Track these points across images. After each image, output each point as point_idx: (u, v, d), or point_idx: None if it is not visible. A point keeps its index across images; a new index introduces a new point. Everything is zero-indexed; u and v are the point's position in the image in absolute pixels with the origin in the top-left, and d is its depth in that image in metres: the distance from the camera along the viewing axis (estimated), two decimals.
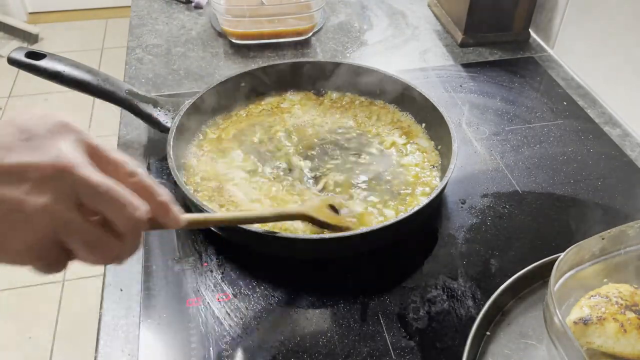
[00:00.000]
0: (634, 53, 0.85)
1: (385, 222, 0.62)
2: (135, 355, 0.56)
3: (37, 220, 0.35)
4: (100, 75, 0.75)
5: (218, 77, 0.97)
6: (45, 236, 0.36)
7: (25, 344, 1.58)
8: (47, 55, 0.74)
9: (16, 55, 0.72)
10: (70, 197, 0.36)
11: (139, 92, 0.78)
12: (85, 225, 0.37)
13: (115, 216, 0.38)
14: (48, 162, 0.35)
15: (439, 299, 0.62)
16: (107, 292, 0.62)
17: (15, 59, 0.72)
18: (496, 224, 0.71)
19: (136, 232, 0.40)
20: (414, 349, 0.57)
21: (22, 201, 0.34)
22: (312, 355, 0.56)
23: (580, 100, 0.94)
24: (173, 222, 0.44)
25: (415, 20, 1.16)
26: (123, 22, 2.78)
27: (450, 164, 0.68)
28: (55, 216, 0.35)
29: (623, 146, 0.84)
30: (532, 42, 1.09)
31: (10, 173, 0.34)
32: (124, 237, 0.39)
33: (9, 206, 0.34)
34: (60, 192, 0.35)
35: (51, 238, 0.36)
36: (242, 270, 0.64)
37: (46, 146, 0.36)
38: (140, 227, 0.40)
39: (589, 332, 0.49)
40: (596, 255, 0.54)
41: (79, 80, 0.74)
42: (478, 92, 0.95)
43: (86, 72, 0.75)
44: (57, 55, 0.75)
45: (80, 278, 1.76)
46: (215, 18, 1.10)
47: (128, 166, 0.40)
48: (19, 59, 0.72)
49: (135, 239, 0.40)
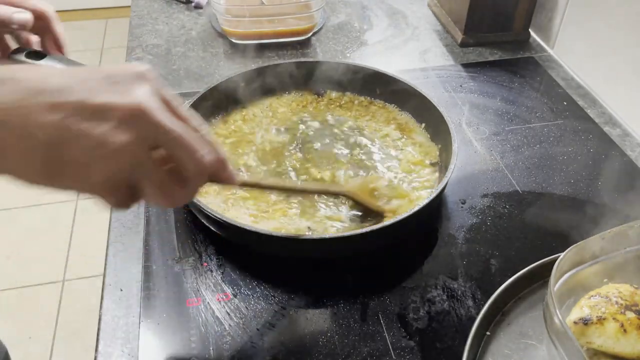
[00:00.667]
0: (634, 53, 0.85)
1: (385, 222, 0.62)
2: (135, 355, 0.56)
3: (117, 156, 0.38)
4: None
5: (218, 77, 0.97)
6: (122, 172, 0.39)
7: (25, 344, 1.58)
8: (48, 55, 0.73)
9: (16, 55, 0.72)
10: (147, 139, 0.39)
11: None
12: (157, 167, 0.41)
13: (186, 159, 0.41)
14: (130, 104, 0.38)
15: (439, 299, 0.62)
16: (107, 292, 0.62)
17: (15, 59, 0.72)
18: (496, 224, 0.71)
19: (200, 178, 0.43)
20: (414, 349, 0.57)
21: (106, 137, 0.37)
22: (312, 355, 0.56)
23: (580, 100, 0.94)
24: (230, 177, 0.48)
25: (415, 20, 1.16)
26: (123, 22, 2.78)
27: (450, 164, 0.68)
28: (134, 155, 0.38)
29: (623, 146, 0.84)
30: (532, 42, 1.09)
31: (97, 111, 0.37)
32: (188, 182, 0.43)
33: (95, 141, 0.37)
34: (140, 133, 0.38)
35: (126, 175, 0.39)
36: (242, 270, 0.64)
37: (128, 90, 0.39)
38: (205, 174, 0.43)
39: (589, 332, 0.49)
40: (596, 255, 0.54)
41: None
42: (478, 92, 0.95)
43: None
44: (58, 55, 0.75)
45: (80, 278, 1.76)
46: (215, 18, 1.10)
47: (194, 121, 0.43)
48: (20, 59, 0.72)
49: (196, 185, 0.44)
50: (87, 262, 1.79)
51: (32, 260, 1.80)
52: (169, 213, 0.70)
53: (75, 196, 2.02)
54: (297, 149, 0.78)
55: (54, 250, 1.84)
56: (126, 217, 0.70)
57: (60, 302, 1.69)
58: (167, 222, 0.69)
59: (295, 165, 0.76)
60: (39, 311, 1.66)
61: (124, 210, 0.42)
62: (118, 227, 0.69)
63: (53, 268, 1.79)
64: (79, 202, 2.01)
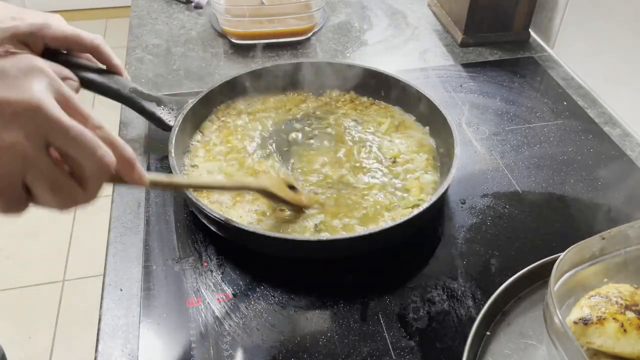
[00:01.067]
0: (634, 53, 0.85)
1: (383, 225, 0.62)
2: (135, 355, 0.56)
3: (6, 156, 0.36)
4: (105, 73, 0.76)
5: (218, 77, 0.97)
6: (11, 173, 0.36)
7: (25, 344, 1.58)
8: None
9: None
10: (40, 137, 0.37)
11: (143, 90, 0.78)
12: (52, 167, 0.38)
13: (84, 160, 0.39)
14: (20, 99, 0.36)
15: (439, 299, 0.62)
16: (107, 292, 0.62)
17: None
18: (496, 224, 0.71)
19: (101, 179, 0.41)
20: (414, 349, 0.57)
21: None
22: (312, 355, 0.56)
23: (580, 100, 0.94)
24: (137, 179, 0.45)
25: (415, 20, 1.16)
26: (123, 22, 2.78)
27: (452, 168, 0.68)
28: (24, 154, 0.36)
29: (623, 146, 0.84)
30: (532, 42, 1.09)
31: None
32: (87, 183, 0.40)
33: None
34: (31, 130, 0.36)
35: (17, 176, 0.37)
36: (242, 270, 0.64)
37: (19, 85, 0.37)
38: (105, 175, 0.41)
39: (589, 332, 0.49)
40: (596, 255, 0.54)
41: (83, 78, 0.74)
42: (478, 92, 0.95)
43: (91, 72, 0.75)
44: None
45: (80, 278, 1.76)
46: (215, 18, 1.10)
47: (95, 119, 0.41)
48: None
49: (97, 186, 0.41)
50: (87, 262, 1.79)
51: (32, 260, 1.80)
52: (169, 213, 0.70)
53: None
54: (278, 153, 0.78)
55: (54, 250, 1.84)
56: (126, 217, 0.71)
57: (60, 302, 1.69)
58: (167, 222, 0.69)
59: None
60: (39, 311, 1.66)
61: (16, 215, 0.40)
62: (118, 227, 0.69)
63: (53, 268, 1.79)
64: None
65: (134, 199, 0.73)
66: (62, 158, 0.39)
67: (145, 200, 0.72)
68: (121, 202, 0.73)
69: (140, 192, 0.74)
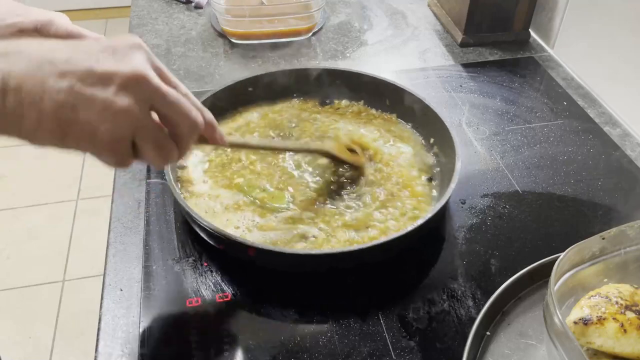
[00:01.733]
0: (634, 53, 0.85)
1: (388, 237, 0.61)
2: (135, 355, 0.56)
3: (121, 117, 0.41)
4: None
5: (218, 77, 0.97)
6: (125, 132, 0.42)
7: (25, 344, 1.58)
8: None
9: None
10: (146, 102, 0.43)
11: None
12: (157, 128, 0.45)
13: (180, 120, 0.45)
14: (129, 71, 0.42)
15: (438, 299, 0.62)
16: (107, 292, 0.62)
17: None
18: (496, 224, 0.71)
19: (192, 137, 0.47)
20: (414, 349, 0.57)
21: (111, 100, 0.41)
22: (312, 355, 0.56)
23: (580, 100, 0.94)
24: (219, 138, 0.53)
25: (415, 20, 1.16)
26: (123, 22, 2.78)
27: (451, 182, 0.66)
28: (135, 116, 0.42)
29: (623, 146, 0.84)
30: (532, 42, 1.09)
31: (102, 77, 0.41)
32: (181, 141, 0.47)
33: (101, 103, 0.41)
34: (139, 96, 0.42)
35: (129, 135, 0.43)
36: (242, 270, 0.64)
37: (127, 58, 0.43)
38: (197, 133, 0.47)
39: (589, 332, 0.49)
40: (596, 255, 0.54)
41: None
42: (478, 92, 0.95)
43: None
44: None
45: (80, 278, 1.76)
46: (215, 18, 1.10)
47: (183, 87, 0.47)
48: None
49: (189, 144, 0.47)
50: (87, 262, 1.79)
51: (32, 260, 1.80)
52: (169, 213, 0.70)
53: (75, 196, 2.02)
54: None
55: (54, 250, 1.84)
56: (126, 217, 0.71)
57: (60, 302, 1.69)
58: (167, 222, 0.69)
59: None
60: (39, 311, 1.66)
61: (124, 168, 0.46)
62: (118, 227, 0.69)
63: (53, 268, 1.79)
64: (79, 202, 2.01)
65: (134, 199, 0.73)
66: (162, 121, 0.45)
67: (145, 200, 0.72)
68: (121, 202, 0.73)
69: (141, 192, 0.74)
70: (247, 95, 0.84)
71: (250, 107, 0.85)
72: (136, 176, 0.76)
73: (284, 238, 0.66)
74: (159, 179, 0.75)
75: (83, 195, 2.03)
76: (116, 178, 0.76)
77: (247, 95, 0.84)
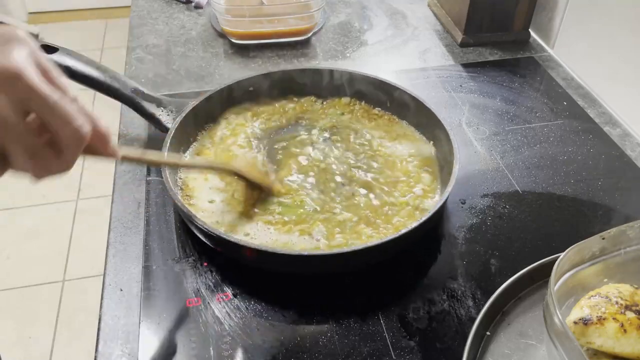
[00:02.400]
0: (634, 53, 0.85)
1: (389, 237, 0.61)
2: (135, 355, 0.56)
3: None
4: (108, 72, 0.76)
5: (218, 77, 0.97)
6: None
7: (25, 344, 1.58)
8: (60, 49, 0.74)
9: None
10: (19, 103, 0.38)
11: (145, 90, 0.78)
12: (29, 132, 0.39)
13: (60, 128, 0.40)
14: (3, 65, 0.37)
15: (438, 299, 0.62)
16: (107, 292, 0.62)
17: None
18: (496, 224, 0.71)
19: (76, 148, 0.41)
20: (414, 349, 0.57)
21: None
22: (312, 355, 0.56)
23: (580, 100, 0.94)
24: (111, 152, 0.47)
25: (415, 20, 1.16)
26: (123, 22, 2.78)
27: (449, 185, 0.66)
28: (3, 118, 0.37)
29: (623, 146, 0.84)
30: (532, 42, 1.09)
31: None
32: (63, 152, 0.41)
33: None
34: (11, 95, 0.37)
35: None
36: (242, 269, 0.64)
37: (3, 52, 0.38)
38: (80, 144, 0.41)
39: (589, 332, 0.49)
40: (596, 255, 0.54)
41: (87, 76, 0.74)
42: (478, 92, 0.95)
43: (95, 69, 0.75)
44: (69, 50, 0.75)
45: (80, 278, 1.76)
46: (215, 18, 1.10)
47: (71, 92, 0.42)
48: None
49: (73, 155, 0.42)
50: (87, 262, 1.79)
51: (32, 260, 1.80)
52: (169, 213, 0.70)
53: (75, 196, 2.02)
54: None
55: (54, 250, 1.84)
56: (126, 217, 0.70)
57: (60, 302, 1.69)
58: (167, 222, 0.69)
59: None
60: (39, 311, 1.66)
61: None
62: (118, 227, 0.69)
63: (53, 268, 1.78)
64: (79, 202, 2.01)
65: (134, 199, 0.73)
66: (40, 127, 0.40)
67: (145, 200, 0.72)
68: (121, 202, 0.73)
69: (141, 192, 0.74)
70: (248, 95, 0.84)
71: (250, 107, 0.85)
72: (136, 176, 0.76)
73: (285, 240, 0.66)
74: (158, 177, 0.74)
75: (83, 195, 2.03)
76: (116, 178, 0.76)
77: (247, 95, 0.84)
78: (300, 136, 0.81)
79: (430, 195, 0.72)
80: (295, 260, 0.61)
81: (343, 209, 0.69)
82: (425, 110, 0.78)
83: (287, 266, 0.62)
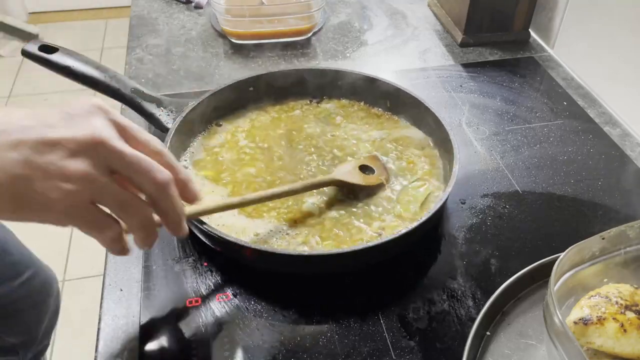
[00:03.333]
0: (634, 53, 0.85)
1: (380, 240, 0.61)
2: (135, 355, 0.56)
3: (76, 184, 0.41)
4: (108, 72, 0.76)
5: (218, 77, 0.97)
6: (80, 197, 0.42)
7: None
8: (60, 49, 0.74)
9: (29, 48, 0.74)
10: (104, 165, 0.42)
11: (145, 90, 0.78)
12: (117, 188, 0.43)
13: (141, 180, 0.44)
14: (84, 135, 0.42)
15: (438, 299, 0.62)
16: (107, 292, 0.62)
17: (28, 52, 0.73)
18: (496, 224, 0.71)
19: (164, 194, 0.45)
20: (414, 349, 0.57)
21: (64, 167, 0.40)
22: (312, 355, 0.56)
23: (580, 100, 0.94)
24: (191, 197, 0.50)
25: (415, 20, 1.16)
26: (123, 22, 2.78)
27: (448, 185, 0.66)
28: (91, 180, 0.41)
29: (623, 146, 0.84)
30: (532, 42, 1.09)
31: (55, 145, 0.41)
32: (155, 202, 0.46)
33: (55, 172, 0.40)
34: (95, 160, 0.42)
35: (86, 199, 0.42)
36: (242, 269, 0.64)
37: (83, 124, 0.42)
38: (166, 190, 0.45)
39: (589, 332, 0.49)
40: (596, 255, 0.54)
41: (87, 76, 0.74)
42: (478, 92, 0.95)
43: (94, 68, 0.75)
44: (69, 49, 0.75)
45: (80, 278, 1.76)
46: (215, 18, 1.10)
47: (153, 145, 0.47)
48: (32, 52, 0.73)
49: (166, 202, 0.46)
50: (87, 262, 1.79)
51: None
52: None
53: None
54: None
55: (54, 250, 1.84)
56: None
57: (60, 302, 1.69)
58: None
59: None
60: None
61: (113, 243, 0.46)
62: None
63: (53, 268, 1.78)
64: None
65: None
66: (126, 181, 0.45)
67: None
68: None
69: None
70: (247, 95, 0.84)
71: (250, 108, 0.85)
72: None
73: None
74: None
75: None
76: None
77: (247, 95, 0.84)
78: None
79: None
80: (295, 260, 0.61)
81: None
82: (425, 110, 0.78)
83: (287, 266, 0.62)
